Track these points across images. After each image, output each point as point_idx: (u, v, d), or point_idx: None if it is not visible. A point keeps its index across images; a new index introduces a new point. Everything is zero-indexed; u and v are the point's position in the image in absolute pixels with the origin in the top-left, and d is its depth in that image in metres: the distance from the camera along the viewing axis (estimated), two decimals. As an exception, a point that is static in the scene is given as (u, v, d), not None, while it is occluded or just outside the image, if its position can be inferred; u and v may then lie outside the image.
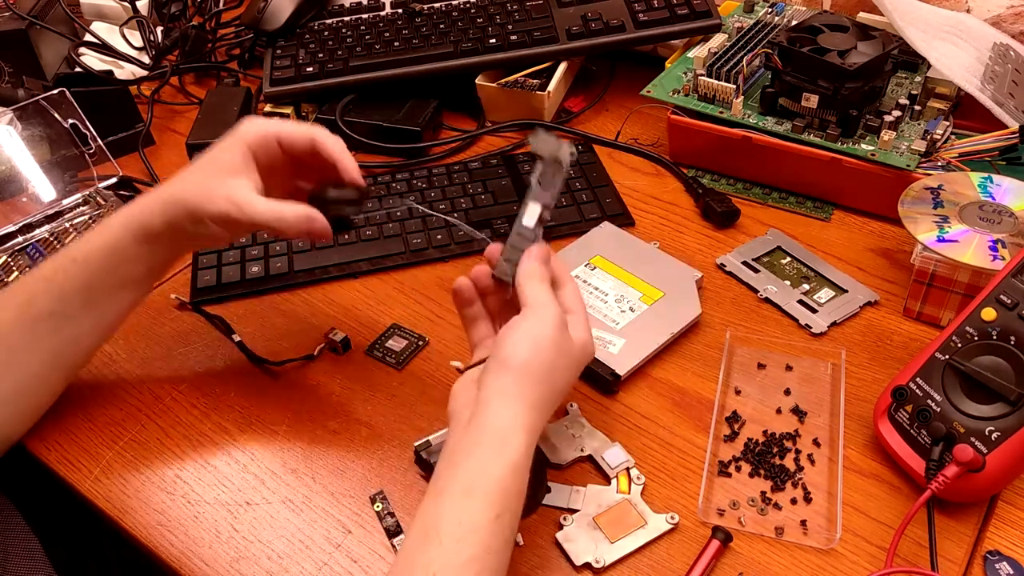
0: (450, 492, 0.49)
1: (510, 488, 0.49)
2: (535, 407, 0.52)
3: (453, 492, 0.49)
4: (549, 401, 0.53)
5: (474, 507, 0.48)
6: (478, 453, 0.50)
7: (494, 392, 0.52)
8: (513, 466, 0.49)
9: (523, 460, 0.50)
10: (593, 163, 0.88)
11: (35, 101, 0.84)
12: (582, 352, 0.55)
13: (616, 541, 0.56)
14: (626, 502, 0.58)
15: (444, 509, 0.48)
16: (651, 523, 0.57)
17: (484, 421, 0.51)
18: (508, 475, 0.49)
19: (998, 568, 0.54)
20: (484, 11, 0.96)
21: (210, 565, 0.57)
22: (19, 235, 0.81)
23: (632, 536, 0.56)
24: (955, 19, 0.86)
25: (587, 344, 0.56)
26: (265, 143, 0.60)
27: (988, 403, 0.56)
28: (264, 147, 0.61)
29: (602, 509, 0.58)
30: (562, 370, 0.54)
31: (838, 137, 0.78)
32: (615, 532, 0.57)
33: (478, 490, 0.48)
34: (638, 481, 0.60)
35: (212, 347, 0.71)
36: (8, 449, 0.63)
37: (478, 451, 0.50)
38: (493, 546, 0.47)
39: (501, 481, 0.49)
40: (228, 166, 0.60)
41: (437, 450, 0.60)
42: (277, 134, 0.61)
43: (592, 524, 0.57)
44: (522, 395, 0.51)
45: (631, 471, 0.60)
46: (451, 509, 0.48)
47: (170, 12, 1.05)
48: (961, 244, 0.65)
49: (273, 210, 0.58)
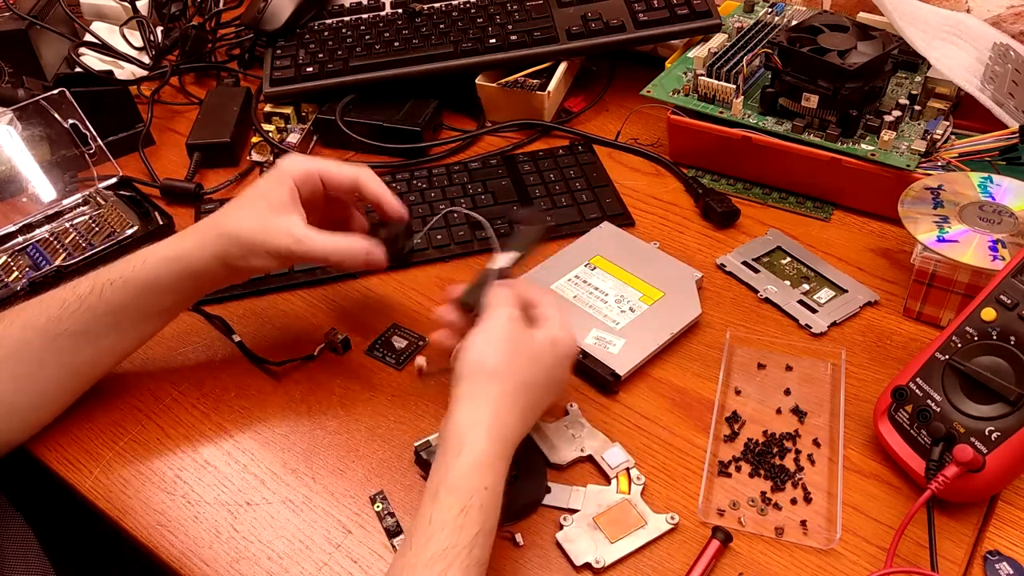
0: (423, 500, 0.51)
1: (474, 484, 0.51)
2: (498, 401, 0.54)
3: (425, 498, 0.51)
4: (515, 393, 0.55)
5: (439, 506, 0.50)
6: (441, 456, 0.53)
7: (454, 400, 0.54)
8: (474, 463, 0.51)
9: (486, 457, 0.52)
10: (593, 163, 0.88)
11: (35, 101, 0.84)
12: (551, 347, 0.57)
13: (616, 541, 0.56)
14: (626, 502, 0.58)
15: (417, 516, 0.51)
16: (651, 523, 0.57)
17: (446, 428, 0.54)
18: (469, 472, 0.51)
19: (998, 568, 0.54)
20: (484, 11, 0.96)
21: (210, 565, 0.57)
22: (19, 235, 0.81)
23: (632, 536, 0.56)
24: (955, 19, 0.86)
25: (557, 341, 0.57)
26: (309, 180, 0.63)
27: (988, 403, 0.56)
28: (308, 184, 0.63)
29: (602, 509, 0.58)
30: (523, 361, 0.55)
31: (838, 137, 0.78)
32: (615, 532, 0.57)
33: (443, 490, 0.50)
34: (638, 481, 0.60)
35: (212, 347, 0.71)
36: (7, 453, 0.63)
37: (442, 455, 0.52)
38: (460, 541, 0.49)
39: (463, 478, 0.51)
40: (279, 203, 0.62)
41: None
42: (320, 172, 0.64)
43: (592, 524, 0.57)
44: (479, 394, 0.54)
45: (631, 471, 0.60)
46: (421, 513, 0.50)
47: (170, 12, 1.05)
48: (961, 244, 0.65)
49: (332, 243, 0.62)
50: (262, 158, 0.91)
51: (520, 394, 0.55)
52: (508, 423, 0.54)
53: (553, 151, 0.90)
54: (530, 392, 0.56)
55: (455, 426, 0.53)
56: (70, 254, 0.79)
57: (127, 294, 0.61)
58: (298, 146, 0.91)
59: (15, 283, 0.76)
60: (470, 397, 0.54)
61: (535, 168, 0.87)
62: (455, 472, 0.51)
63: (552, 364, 0.57)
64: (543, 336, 0.57)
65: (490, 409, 0.53)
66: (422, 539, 0.49)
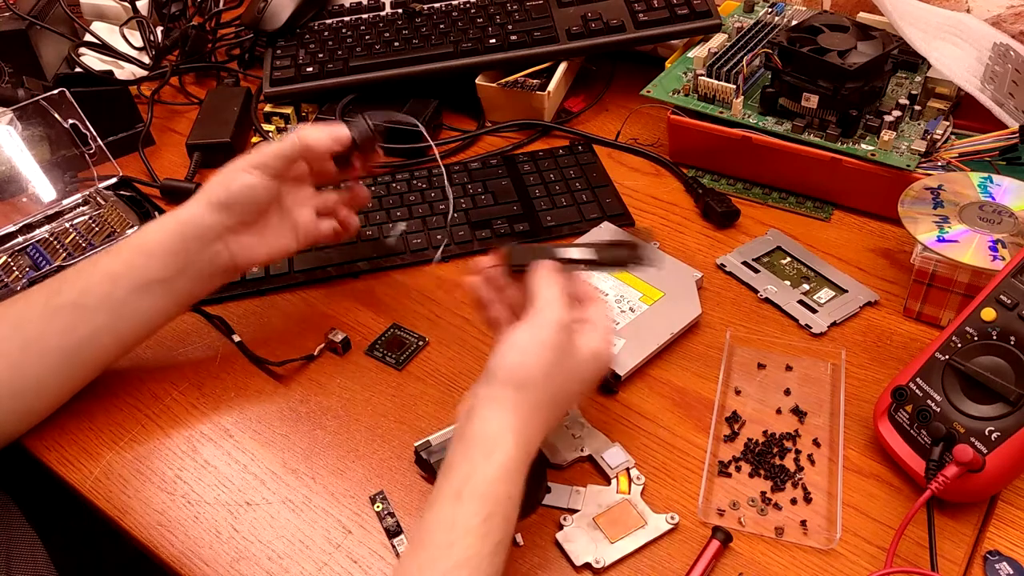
0: (442, 498, 0.49)
1: (500, 491, 0.49)
2: (527, 411, 0.52)
3: (445, 497, 0.49)
4: (545, 405, 0.53)
5: (464, 510, 0.48)
6: (468, 457, 0.51)
7: (482, 400, 0.53)
8: (503, 469, 0.50)
9: (514, 464, 0.50)
10: (593, 163, 0.88)
11: (35, 101, 0.84)
12: (591, 361, 0.55)
13: (616, 541, 0.56)
14: (626, 502, 0.58)
15: (436, 514, 0.49)
16: (651, 523, 0.57)
17: (473, 428, 0.52)
18: (498, 478, 0.49)
19: (998, 568, 0.54)
20: (484, 11, 0.96)
21: (210, 565, 0.57)
22: (19, 235, 0.81)
23: (632, 536, 0.56)
24: (955, 19, 0.86)
25: (599, 355, 0.56)
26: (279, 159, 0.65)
27: (988, 403, 0.56)
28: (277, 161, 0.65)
29: (602, 509, 0.58)
30: (561, 375, 0.54)
31: (838, 137, 0.78)
32: (615, 532, 0.57)
33: (467, 493, 0.49)
34: (638, 481, 0.60)
35: (212, 347, 0.71)
36: (5, 445, 0.63)
37: (468, 456, 0.51)
38: (484, 550, 0.47)
39: (491, 484, 0.49)
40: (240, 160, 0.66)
41: (437, 450, 0.60)
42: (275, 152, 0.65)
43: (592, 524, 0.57)
44: (510, 400, 0.52)
45: (631, 471, 0.60)
46: (441, 513, 0.49)
47: (170, 12, 1.05)
48: (961, 244, 0.65)
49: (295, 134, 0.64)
50: (262, 158, 0.91)
51: (550, 406, 0.54)
52: (533, 433, 0.52)
53: (553, 151, 0.90)
54: (558, 404, 0.55)
55: (485, 427, 0.51)
56: (70, 254, 0.79)
57: (120, 258, 0.63)
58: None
59: (15, 283, 0.76)
60: (502, 401, 0.52)
61: (535, 168, 0.87)
62: (483, 475, 0.49)
63: (585, 379, 0.56)
64: (587, 349, 0.55)
65: (521, 416, 0.52)
66: (443, 542, 0.47)
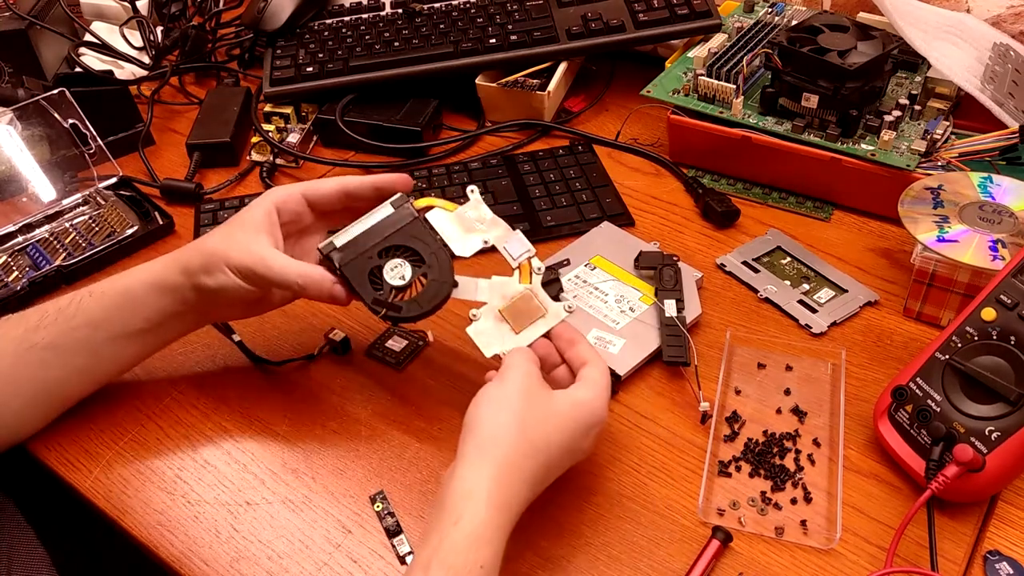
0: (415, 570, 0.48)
1: (469, 560, 0.47)
2: (501, 467, 0.51)
3: (416, 569, 0.48)
4: (524, 458, 0.52)
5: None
6: (439, 525, 0.49)
7: (460, 456, 0.52)
8: (471, 537, 0.48)
9: (484, 529, 0.48)
10: (593, 163, 0.88)
11: (35, 101, 0.84)
12: (572, 409, 0.54)
13: (520, 332, 0.59)
14: (528, 293, 0.60)
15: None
16: (551, 311, 0.59)
17: (450, 488, 0.50)
18: (467, 547, 0.48)
19: (998, 568, 0.54)
20: (484, 11, 0.96)
21: (210, 565, 0.57)
22: (19, 235, 0.81)
23: (534, 326, 0.59)
24: (955, 19, 0.86)
25: (580, 403, 0.55)
26: (291, 201, 0.62)
27: (988, 403, 0.56)
28: (289, 205, 0.62)
29: (506, 301, 0.60)
30: (538, 425, 0.53)
31: (838, 137, 0.78)
32: (520, 323, 0.59)
33: (435, 564, 0.47)
34: (539, 271, 0.61)
35: (212, 347, 0.71)
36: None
37: (439, 523, 0.49)
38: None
39: (459, 554, 0.47)
40: (251, 222, 0.61)
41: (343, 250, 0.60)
42: (302, 192, 0.63)
43: (499, 316, 0.59)
44: (482, 456, 0.51)
45: (532, 261, 0.61)
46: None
47: (170, 12, 1.05)
48: (961, 244, 0.65)
49: (297, 269, 0.59)
50: (262, 158, 0.91)
51: (528, 457, 0.52)
52: (512, 491, 0.50)
53: (553, 151, 0.90)
54: (540, 455, 0.52)
55: (454, 490, 0.50)
56: (70, 254, 0.79)
57: (103, 305, 0.61)
58: (298, 146, 0.91)
59: (15, 283, 0.76)
60: (473, 458, 0.51)
61: (535, 168, 0.87)
62: (451, 544, 0.47)
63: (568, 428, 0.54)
64: (566, 396, 0.55)
65: (492, 473, 0.50)
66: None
